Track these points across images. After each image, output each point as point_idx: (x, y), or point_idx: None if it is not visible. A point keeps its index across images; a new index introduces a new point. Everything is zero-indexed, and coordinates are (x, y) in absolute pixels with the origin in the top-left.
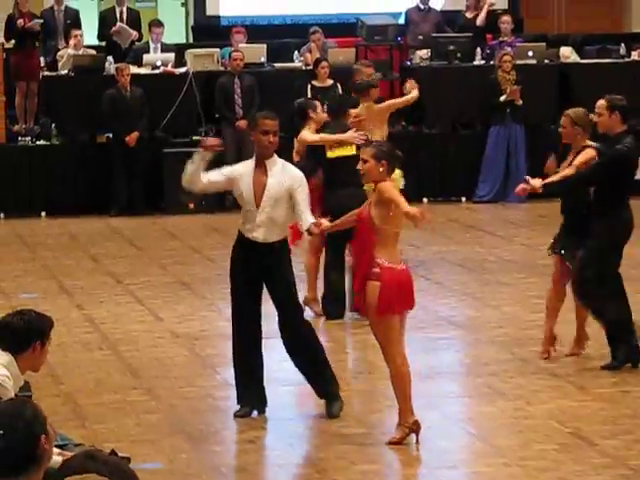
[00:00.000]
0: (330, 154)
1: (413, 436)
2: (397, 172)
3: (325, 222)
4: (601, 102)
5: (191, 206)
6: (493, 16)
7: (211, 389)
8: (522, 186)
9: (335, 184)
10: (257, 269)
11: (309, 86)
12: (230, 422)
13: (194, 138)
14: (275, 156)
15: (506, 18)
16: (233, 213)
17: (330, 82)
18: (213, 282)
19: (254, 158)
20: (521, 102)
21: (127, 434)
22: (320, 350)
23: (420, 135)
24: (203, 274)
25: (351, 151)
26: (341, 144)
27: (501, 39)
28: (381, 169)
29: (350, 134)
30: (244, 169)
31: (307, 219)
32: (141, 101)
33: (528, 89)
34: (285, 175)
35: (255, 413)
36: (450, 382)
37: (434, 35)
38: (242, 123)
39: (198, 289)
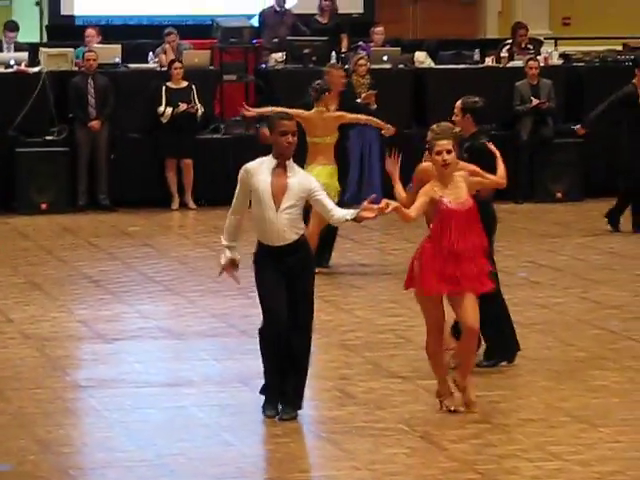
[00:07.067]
0: None
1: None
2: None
3: (390, 202)
4: (457, 103)
5: (43, 206)
6: (348, 19)
7: (61, 391)
8: None
9: None
10: (285, 268)
11: (164, 88)
12: (80, 424)
13: (47, 138)
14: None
15: (380, 29)
16: (85, 214)
17: (185, 84)
18: (64, 283)
19: (271, 159)
20: (376, 106)
21: None
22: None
23: None
24: (54, 275)
25: None
26: None
27: (357, 45)
28: None
29: None
30: (259, 168)
31: (343, 212)
32: None
33: (383, 94)
34: (304, 178)
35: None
36: None
37: (289, 38)
38: (95, 124)
39: (49, 290)
